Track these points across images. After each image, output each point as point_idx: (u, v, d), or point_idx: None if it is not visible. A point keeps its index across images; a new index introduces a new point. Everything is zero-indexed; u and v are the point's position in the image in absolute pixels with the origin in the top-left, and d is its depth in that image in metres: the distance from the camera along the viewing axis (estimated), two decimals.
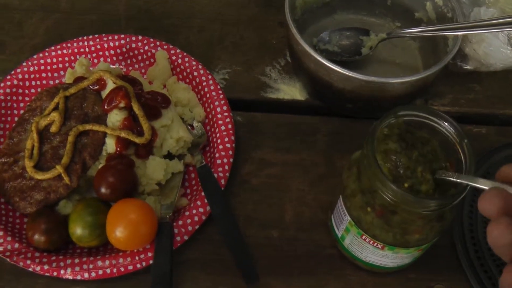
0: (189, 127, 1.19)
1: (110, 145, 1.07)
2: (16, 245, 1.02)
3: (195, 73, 1.20)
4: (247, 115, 1.23)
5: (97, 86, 1.12)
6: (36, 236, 1.01)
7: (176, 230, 1.04)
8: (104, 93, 1.11)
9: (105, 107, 1.09)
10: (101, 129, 1.07)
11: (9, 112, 1.21)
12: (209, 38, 1.36)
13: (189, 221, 1.04)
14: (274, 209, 1.11)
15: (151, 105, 1.10)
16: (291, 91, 1.26)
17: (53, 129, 1.08)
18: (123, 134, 1.05)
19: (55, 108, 1.10)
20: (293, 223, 1.09)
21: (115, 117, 1.07)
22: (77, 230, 1.00)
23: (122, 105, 1.06)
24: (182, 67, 1.23)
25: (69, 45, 1.26)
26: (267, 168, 1.16)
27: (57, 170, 1.04)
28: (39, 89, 1.24)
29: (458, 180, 0.77)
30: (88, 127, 1.07)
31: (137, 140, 1.05)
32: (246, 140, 1.18)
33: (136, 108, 1.07)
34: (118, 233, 0.98)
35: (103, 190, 1.02)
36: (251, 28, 1.37)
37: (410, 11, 1.29)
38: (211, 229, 1.08)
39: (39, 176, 1.05)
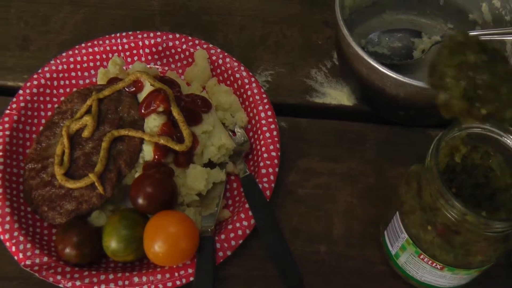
0: (230, 133, 1.10)
1: (148, 152, 0.99)
2: (45, 259, 0.95)
3: (237, 75, 1.12)
4: (291, 121, 1.15)
5: (134, 88, 1.04)
6: (67, 250, 0.93)
7: (218, 245, 0.96)
8: (141, 96, 1.03)
9: (142, 111, 1.01)
10: (138, 135, 0.99)
11: (35, 113, 1.13)
12: (250, 37, 1.28)
13: (232, 235, 0.97)
14: (321, 222, 1.04)
15: (191, 109, 1.03)
16: (338, 95, 1.18)
17: (86, 134, 1.01)
18: (162, 141, 0.97)
19: (88, 112, 1.03)
20: (341, 238, 1.02)
21: (153, 122, 1.00)
22: (112, 244, 0.93)
23: (160, 109, 0.99)
24: (222, 68, 1.15)
25: (100, 42, 1.18)
26: (313, 178, 1.08)
27: (90, 179, 0.96)
28: (67, 90, 1.17)
29: None
30: (123, 132, 1.00)
31: (177, 147, 0.98)
32: (290, 148, 1.11)
33: (175, 113, 0.99)
34: (157, 247, 0.90)
35: (140, 201, 0.94)
36: (295, 27, 1.29)
37: (464, 12, 1.21)
38: (255, 243, 1.01)
39: (70, 184, 0.97)
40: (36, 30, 1.30)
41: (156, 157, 0.98)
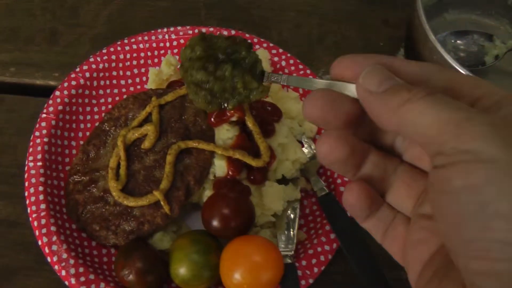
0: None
1: (220, 168, 0.88)
2: (102, 285, 0.84)
3: None
4: None
5: None
6: (131, 277, 0.83)
7: (299, 272, 0.86)
8: None
9: (212, 120, 0.90)
10: (210, 148, 0.88)
11: (73, 117, 1.01)
12: (307, 35, 1.17)
13: (314, 261, 0.87)
14: None
15: (263, 118, 0.92)
16: None
17: (146, 145, 0.89)
18: (237, 155, 0.87)
19: (146, 119, 0.91)
20: None
21: (226, 134, 0.89)
22: (183, 271, 0.83)
23: (234, 119, 0.88)
24: (286, 70, 1.04)
25: (145, 38, 1.06)
26: None
27: (155, 197, 0.86)
28: (108, 91, 1.05)
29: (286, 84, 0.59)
30: (192, 144, 0.89)
31: (254, 162, 0.87)
32: None
33: (251, 123, 0.89)
34: (239, 277, 0.80)
35: (215, 223, 0.84)
36: (353, 26, 1.19)
37: None
38: (332, 268, 0.91)
39: (131, 202, 0.86)
40: (64, 23, 1.17)
41: (231, 173, 0.88)
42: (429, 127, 0.38)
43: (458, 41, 1.11)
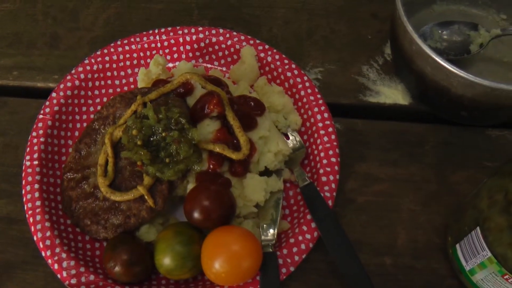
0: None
1: (202, 161, 0.91)
2: (92, 277, 0.88)
3: (288, 74, 1.05)
4: (346, 122, 1.07)
5: (182, 91, 0.95)
6: (117, 268, 0.86)
7: (280, 260, 0.89)
8: (191, 99, 0.95)
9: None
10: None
11: (70, 117, 1.06)
12: (296, 31, 1.20)
13: (295, 249, 0.90)
14: (385, 232, 0.97)
15: (245, 113, 0.95)
16: (392, 94, 1.11)
17: None
18: (217, 149, 0.90)
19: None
20: (407, 249, 0.95)
21: (207, 128, 0.92)
22: (167, 262, 0.86)
23: (214, 114, 0.91)
24: (272, 66, 1.07)
25: (137, 39, 1.10)
26: (373, 185, 1.01)
27: (139, 191, 0.89)
28: (103, 91, 1.09)
29: None
30: None
31: (234, 155, 0.90)
32: (347, 151, 1.04)
33: (230, 117, 0.92)
34: (218, 267, 0.83)
35: (196, 215, 0.86)
36: (342, 20, 1.21)
37: None
38: (314, 256, 0.94)
39: (117, 197, 0.90)
40: (65, 27, 1.22)
41: (211, 166, 0.91)
42: None
43: (444, 32, 1.12)
